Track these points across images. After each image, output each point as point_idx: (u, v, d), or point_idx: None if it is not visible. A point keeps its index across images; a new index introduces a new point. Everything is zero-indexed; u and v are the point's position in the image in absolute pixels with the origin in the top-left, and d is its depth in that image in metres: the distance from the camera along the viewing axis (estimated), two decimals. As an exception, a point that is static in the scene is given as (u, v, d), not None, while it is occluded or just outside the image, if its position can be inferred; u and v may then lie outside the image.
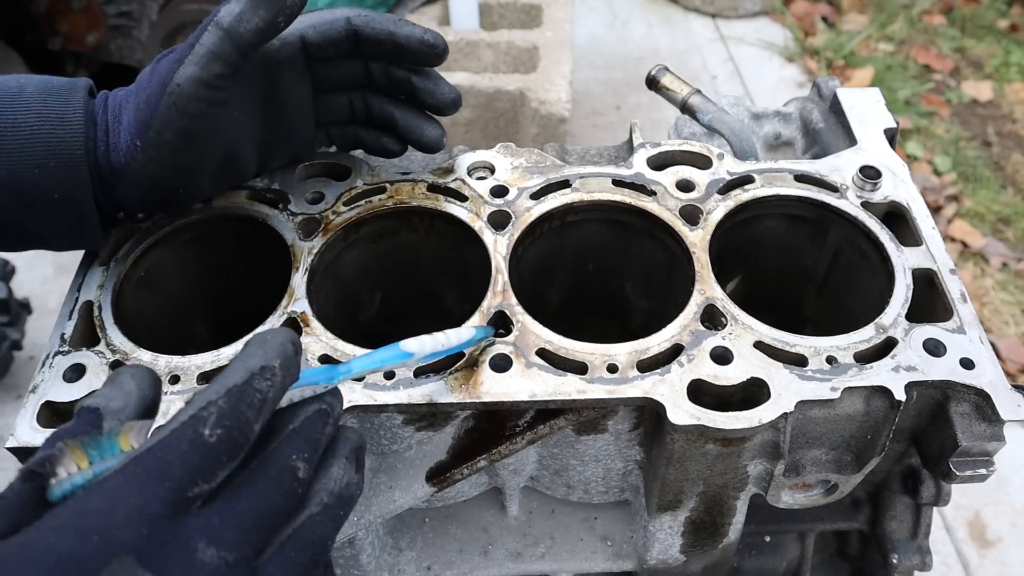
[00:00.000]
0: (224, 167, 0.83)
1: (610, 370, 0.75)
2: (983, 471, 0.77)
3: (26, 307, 2.35)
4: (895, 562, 0.96)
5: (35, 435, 0.73)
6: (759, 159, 0.96)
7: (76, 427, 0.52)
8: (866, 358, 0.77)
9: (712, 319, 0.80)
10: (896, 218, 0.90)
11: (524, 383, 0.74)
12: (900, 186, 0.91)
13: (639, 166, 0.92)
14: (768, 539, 1.02)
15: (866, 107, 1.00)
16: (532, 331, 0.78)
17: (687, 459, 0.77)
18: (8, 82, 0.75)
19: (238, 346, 0.78)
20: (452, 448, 0.80)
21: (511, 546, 0.93)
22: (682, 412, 0.72)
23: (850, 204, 0.89)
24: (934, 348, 0.77)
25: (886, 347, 0.78)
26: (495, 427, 0.78)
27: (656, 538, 0.88)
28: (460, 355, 0.77)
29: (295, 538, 0.53)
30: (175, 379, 0.76)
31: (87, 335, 0.81)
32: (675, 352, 0.77)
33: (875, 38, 3.61)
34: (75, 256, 0.87)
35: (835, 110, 1.02)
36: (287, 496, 0.53)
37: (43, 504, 0.48)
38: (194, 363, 0.77)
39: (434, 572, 0.92)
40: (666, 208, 0.89)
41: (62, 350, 0.79)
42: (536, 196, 0.90)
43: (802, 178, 0.92)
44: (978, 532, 2.07)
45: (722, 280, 0.84)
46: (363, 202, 0.90)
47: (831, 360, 0.76)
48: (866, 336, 0.78)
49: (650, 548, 0.89)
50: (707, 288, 0.82)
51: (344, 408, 0.72)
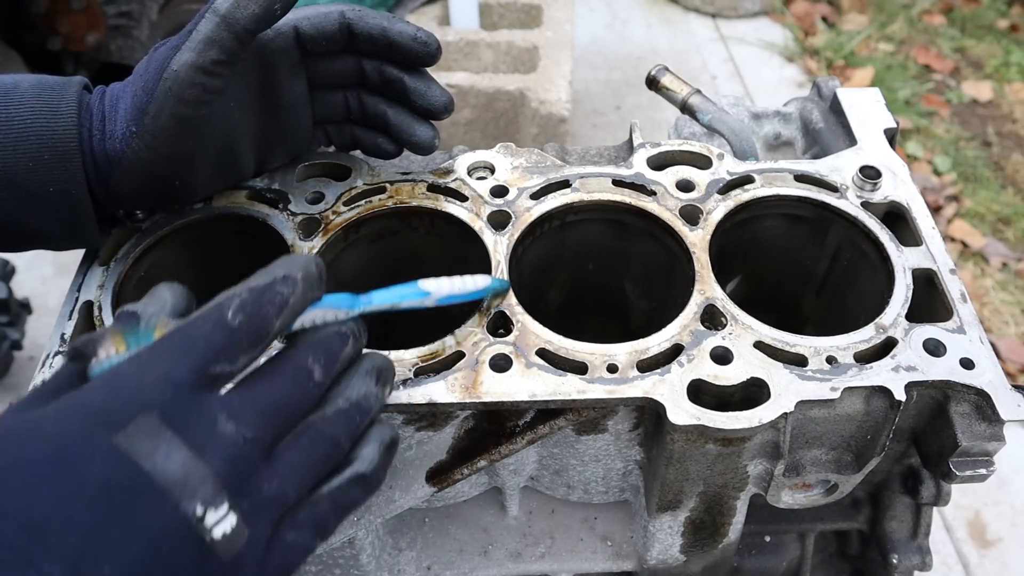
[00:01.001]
0: (221, 161, 0.84)
1: (610, 370, 0.75)
2: (983, 471, 0.77)
3: (26, 307, 2.35)
4: (895, 562, 0.96)
5: (35, 435, 0.72)
6: (759, 159, 0.96)
7: (116, 324, 0.56)
8: (866, 358, 0.77)
9: (712, 319, 0.80)
10: (896, 218, 0.90)
11: (524, 383, 0.74)
12: (900, 186, 0.91)
13: (639, 166, 0.92)
14: (768, 539, 1.02)
15: (866, 107, 1.00)
16: (532, 331, 0.78)
17: (687, 459, 0.77)
18: (3, 80, 0.76)
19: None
20: (452, 448, 0.80)
21: (511, 546, 0.93)
22: (682, 412, 0.72)
23: (850, 204, 0.89)
24: (934, 348, 0.77)
25: (886, 347, 0.78)
26: (495, 427, 0.78)
27: (656, 538, 0.88)
28: (460, 354, 0.77)
29: (310, 432, 0.57)
30: (175, 379, 0.76)
31: (87, 335, 0.81)
32: (675, 352, 0.77)
33: (875, 38, 3.61)
34: (75, 256, 0.87)
35: (835, 110, 1.02)
36: (303, 393, 0.57)
37: (84, 380, 0.53)
38: (194, 363, 0.77)
39: (434, 572, 0.92)
40: (666, 208, 0.89)
41: (62, 350, 0.79)
42: (536, 196, 0.90)
43: (802, 178, 0.92)
44: (978, 532, 2.07)
45: (722, 280, 0.84)
46: (363, 202, 0.90)
47: (831, 360, 0.76)
48: (866, 336, 0.78)
49: (650, 548, 0.89)
50: (707, 288, 0.82)
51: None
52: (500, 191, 0.90)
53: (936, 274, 0.84)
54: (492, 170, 0.92)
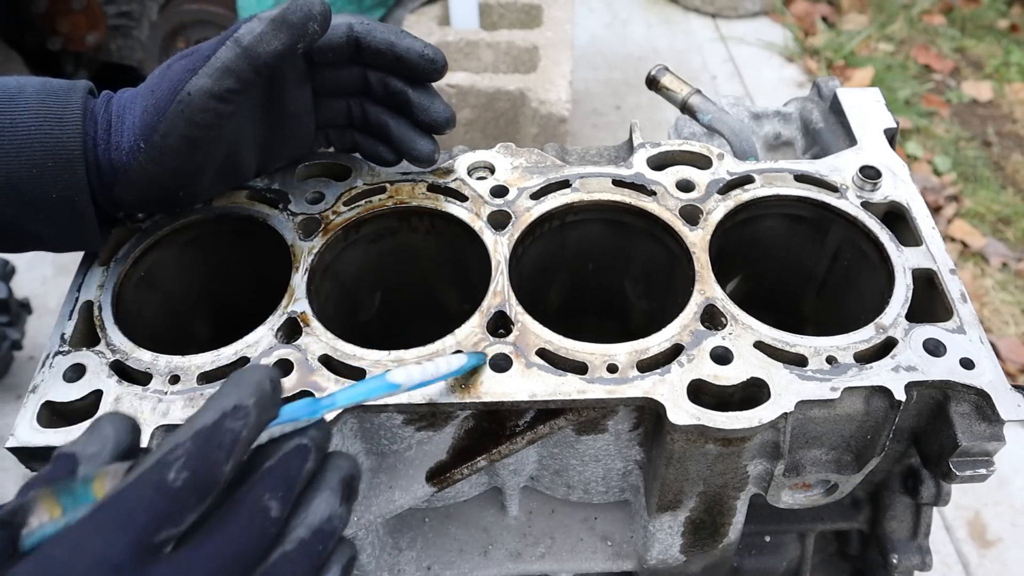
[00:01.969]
0: (225, 169, 0.84)
1: (610, 370, 0.75)
2: (983, 471, 0.77)
3: (26, 307, 2.35)
4: (895, 562, 0.96)
5: (35, 435, 0.73)
6: (759, 159, 0.96)
7: (50, 473, 0.51)
8: (866, 358, 0.77)
9: (712, 319, 0.80)
10: (896, 218, 0.90)
11: (524, 383, 0.74)
12: (900, 186, 0.91)
13: (639, 166, 0.92)
14: (768, 539, 1.02)
15: (866, 107, 1.00)
16: (532, 331, 0.78)
17: (687, 459, 0.77)
18: (8, 83, 0.75)
19: (238, 346, 0.78)
20: (452, 448, 0.80)
21: (511, 546, 0.93)
22: (682, 412, 0.72)
23: (850, 204, 0.89)
24: (934, 348, 0.77)
25: (886, 347, 0.78)
26: (495, 427, 0.78)
27: (656, 538, 0.88)
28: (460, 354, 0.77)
29: None
30: (175, 379, 0.76)
31: (87, 335, 0.81)
32: (675, 352, 0.77)
33: (875, 38, 3.61)
34: (75, 256, 0.87)
35: (835, 110, 1.02)
36: (260, 536, 0.52)
37: (14, 554, 0.48)
38: (194, 363, 0.77)
39: (434, 572, 0.92)
40: (666, 208, 0.89)
41: (62, 350, 0.79)
42: (536, 196, 0.90)
43: (802, 178, 0.92)
44: (978, 532, 2.07)
45: (722, 280, 0.84)
46: (363, 202, 0.90)
47: (831, 360, 0.76)
48: (866, 336, 0.78)
49: (650, 548, 0.89)
50: (707, 288, 0.82)
51: (344, 409, 0.73)
52: (500, 191, 0.90)
53: (936, 274, 0.84)
54: (492, 170, 0.92)
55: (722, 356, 0.76)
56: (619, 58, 3.54)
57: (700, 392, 0.74)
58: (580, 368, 0.76)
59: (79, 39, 2.73)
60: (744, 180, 0.91)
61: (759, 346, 0.77)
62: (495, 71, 2.55)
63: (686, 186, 0.90)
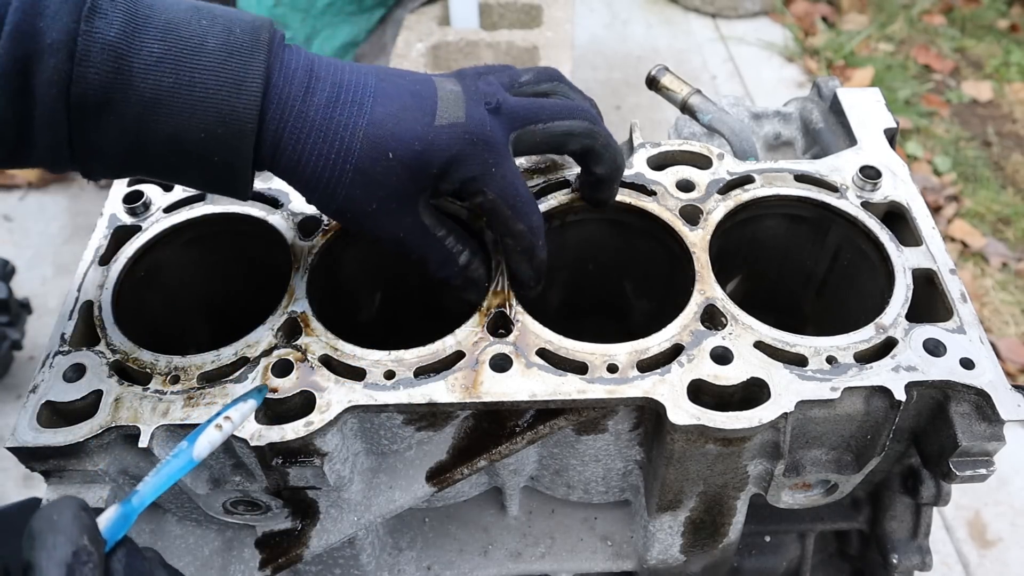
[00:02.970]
0: None
1: (610, 370, 0.75)
2: (983, 471, 0.77)
3: (26, 307, 2.35)
4: (895, 562, 0.96)
5: (35, 435, 0.73)
6: (759, 159, 0.96)
7: None
8: (866, 358, 0.77)
9: (712, 319, 0.80)
10: (896, 218, 0.90)
11: (524, 383, 0.74)
12: (900, 186, 0.91)
13: (639, 166, 0.92)
14: (768, 539, 1.02)
15: (866, 107, 1.00)
16: (532, 331, 0.78)
17: (687, 459, 0.77)
18: (191, 27, 0.69)
19: (238, 346, 0.78)
20: (452, 448, 0.80)
21: (511, 546, 0.93)
22: (682, 412, 0.72)
23: (850, 204, 0.89)
24: (934, 348, 0.77)
25: (886, 347, 0.78)
26: (495, 427, 0.78)
27: (656, 538, 0.88)
28: (460, 354, 0.77)
29: None
30: (175, 379, 0.76)
31: (87, 335, 0.81)
32: (675, 352, 0.77)
33: (875, 38, 3.61)
34: (75, 256, 0.87)
35: (835, 110, 1.02)
36: None
37: None
38: (194, 363, 0.77)
39: (434, 572, 0.92)
40: (666, 208, 0.89)
41: (62, 350, 0.79)
42: (536, 196, 0.90)
43: (802, 178, 0.92)
44: (978, 532, 2.07)
45: (722, 280, 0.84)
46: (363, 202, 0.89)
47: (831, 360, 0.76)
48: (866, 336, 0.78)
49: (650, 548, 0.89)
50: (707, 288, 0.82)
51: (344, 409, 0.73)
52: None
53: (936, 274, 0.84)
54: (492, 170, 0.92)
55: (722, 356, 0.76)
56: (619, 58, 3.54)
57: (700, 392, 0.74)
58: (580, 368, 0.76)
59: None
60: (744, 180, 0.91)
61: (759, 346, 0.77)
62: (495, 71, 2.54)
63: (686, 186, 0.90)
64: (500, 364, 0.76)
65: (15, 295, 2.29)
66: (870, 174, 0.91)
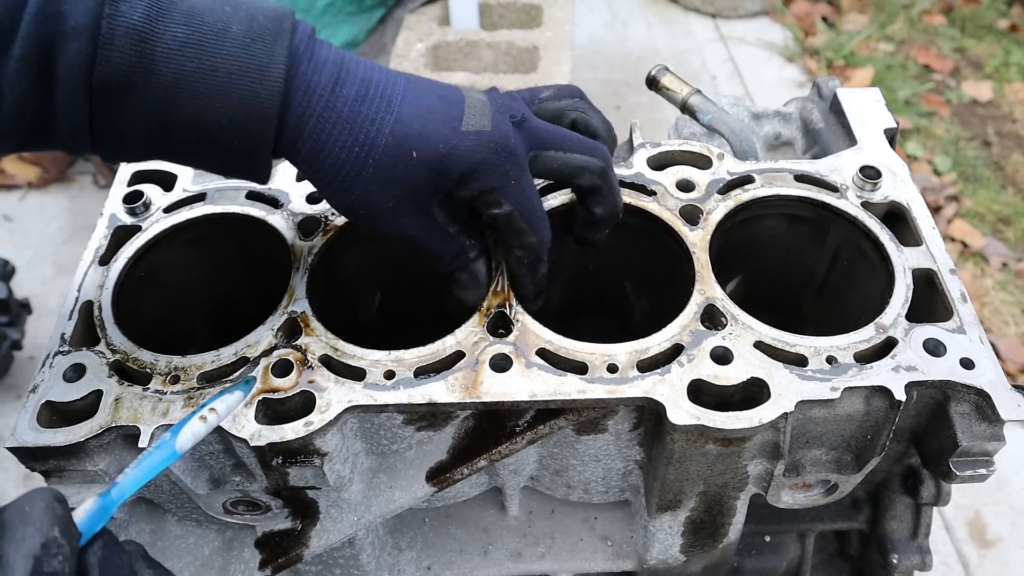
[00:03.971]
0: None
1: (610, 370, 0.75)
2: (983, 471, 0.77)
3: (26, 307, 2.35)
4: (895, 562, 0.96)
5: (35, 435, 0.73)
6: (759, 159, 0.96)
7: None
8: (866, 358, 0.77)
9: (712, 319, 0.80)
10: (896, 218, 0.90)
11: (524, 383, 0.74)
12: (900, 186, 0.91)
13: (639, 166, 0.92)
14: (768, 539, 1.02)
15: (866, 107, 1.00)
16: (532, 331, 0.78)
17: (687, 459, 0.77)
18: (215, 12, 0.68)
19: (238, 346, 0.78)
20: (452, 448, 0.80)
21: (511, 546, 0.93)
22: (682, 412, 0.72)
23: (850, 204, 0.89)
24: (934, 348, 0.77)
25: (886, 347, 0.78)
26: (495, 427, 0.78)
27: (656, 538, 0.88)
28: (460, 354, 0.77)
29: None
30: (175, 379, 0.76)
31: (87, 335, 0.81)
32: (675, 352, 0.77)
33: (875, 38, 3.61)
34: (75, 256, 0.87)
35: (835, 110, 1.02)
36: None
37: None
38: (194, 363, 0.77)
39: (434, 572, 0.92)
40: (666, 208, 0.89)
41: (62, 350, 0.79)
42: (536, 196, 0.90)
43: (802, 178, 0.92)
44: (978, 532, 2.07)
45: (722, 280, 0.84)
46: (363, 202, 0.89)
47: (831, 360, 0.76)
48: (866, 336, 0.78)
49: (650, 548, 0.89)
50: (707, 288, 0.82)
51: (344, 409, 0.73)
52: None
53: (936, 274, 0.84)
54: (492, 170, 0.92)
55: (722, 356, 0.76)
56: (619, 58, 3.54)
57: (700, 392, 0.74)
58: (580, 368, 0.76)
59: None
60: (744, 180, 0.91)
61: (759, 346, 0.77)
62: (495, 71, 2.54)
63: (686, 186, 0.90)
64: (500, 364, 0.76)
65: (15, 295, 2.29)
66: (870, 174, 0.91)
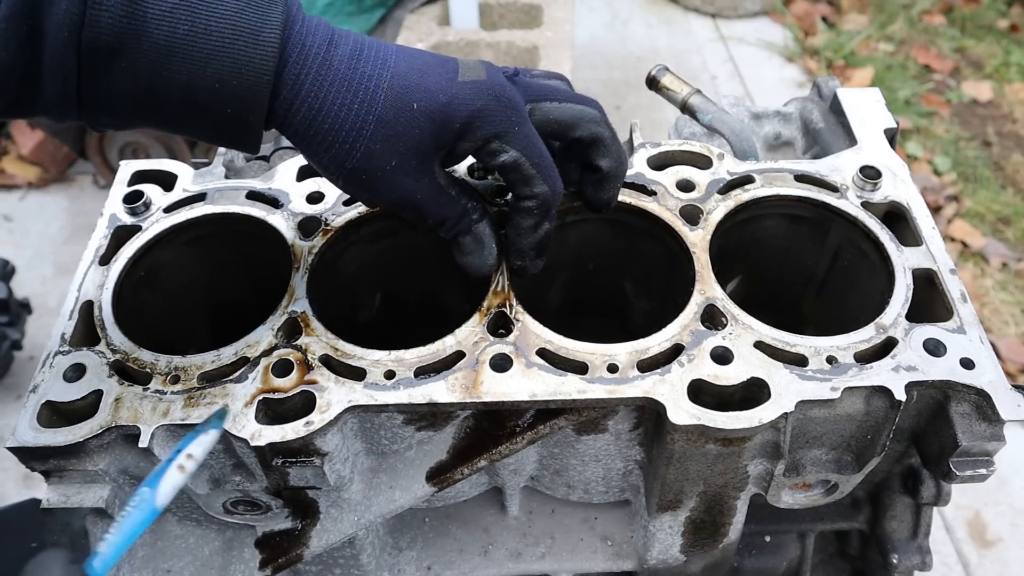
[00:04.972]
0: None
1: (610, 370, 0.75)
2: (983, 471, 0.77)
3: (26, 307, 2.35)
4: (895, 562, 0.96)
5: (35, 435, 0.73)
6: (759, 159, 0.96)
7: None
8: (866, 358, 0.77)
9: (712, 319, 0.80)
10: (896, 218, 0.90)
11: (524, 383, 0.74)
12: (900, 186, 0.91)
13: (639, 166, 0.92)
14: (768, 539, 1.02)
15: (866, 107, 1.00)
16: (532, 331, 0.78)
17: (687, 459, 0.77)
18: None
19: (238, 346, 0.78)
20: (452, 448, 0.80)
21: (511, 546, 0.93)
22: (682, 412, 0.72)
23: (850, 204, 0.89)
24: (934, 348, 0.77)
25: (886, 347, 0.78)
26: (495, 427, 0.78)
27: (656, 538, 0.88)
28: (461, 354, 0.77)
29: None
30: (175, 379, 0.76)
31: (87, 335, 0.81)
32: (675, 352, 0.77)
33: (875, 38, 3.61)
34: (75, 256, 0.87)
35: (835, 110, 1.02)
36: None
37: None
38: (194, 363, 0.77)
39: (434, 572, 0.92)
40: (666, 208, 0.89)
41: (62, 350, 0.79)
42: (536, 196, 0.90)
43: (802, 178, 0.92)
44: (978, 532, 2.07)
45: (722, 280, 0.83)
46: (363, 202, 0.89)
47: (831, 360, 0.76)
48: (866, 336, 0.78)
49: (650, 548, 0.89)
50: (707, 288, 0.82)
51: (344, 409, 0.73)
52: (501, 191, 0.90)
53: (936, 274, 0.84)
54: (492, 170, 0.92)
55: (722, 356, 0.76)
56: (619, 58, 3.54)
57: (700, 392, 0.74)
58: (580, 368, 0.76)
59: None
60: (744, 180, 0.91)
61: (759, 346, 0.77)
62: (495, 71, 2.54)
63: (686, 186, 0.90)
64: (500, 364, 0.76)
65: (15, 295, 2.29)
66: (870, 174, 0.91)
